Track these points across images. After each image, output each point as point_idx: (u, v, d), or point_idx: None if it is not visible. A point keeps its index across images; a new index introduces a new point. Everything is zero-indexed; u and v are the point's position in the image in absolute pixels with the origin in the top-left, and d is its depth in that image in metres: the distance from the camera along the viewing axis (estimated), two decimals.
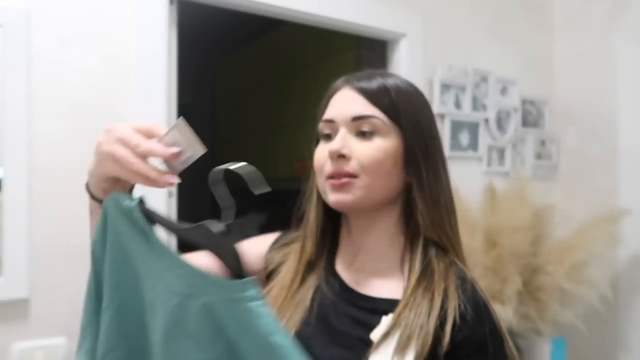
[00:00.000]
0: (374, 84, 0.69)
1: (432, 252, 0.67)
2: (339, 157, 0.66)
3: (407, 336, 0.60)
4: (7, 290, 1.09)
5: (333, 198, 0.67)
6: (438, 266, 0.66)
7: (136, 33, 1.24)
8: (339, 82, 0.73)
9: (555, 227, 1.76)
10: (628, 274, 1.85)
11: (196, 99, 3.66)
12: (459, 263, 0.69)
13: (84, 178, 0.74)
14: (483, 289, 0.68)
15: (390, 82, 0.70)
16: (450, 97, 1.80)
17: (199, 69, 3.49)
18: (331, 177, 0.67)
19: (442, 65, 1.78)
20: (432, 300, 0.62)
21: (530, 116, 2.07)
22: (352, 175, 0.66)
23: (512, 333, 1.70)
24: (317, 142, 0.72)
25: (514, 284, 1.55)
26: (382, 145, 0.66)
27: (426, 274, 0.66)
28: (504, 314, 1.53)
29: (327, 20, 1.55)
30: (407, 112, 0.68)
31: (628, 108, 1.87)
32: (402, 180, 0.69)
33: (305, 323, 0.69)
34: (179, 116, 0.65)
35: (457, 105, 1.82)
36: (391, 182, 0.68)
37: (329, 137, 0.70)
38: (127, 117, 1.23)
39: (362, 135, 0.67)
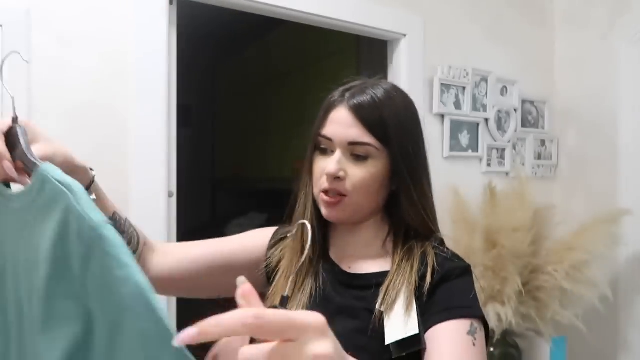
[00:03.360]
0: (370, 109, 0.76)
1: (412, 234, 0.79)
2: (335, 178, 0.74)
3: (396, 292, 0.72)
4: None
5: (325, 212, 0.77)
6: (416, 241, 0.78)
7: (136, 33, 1.24)
8: (336, 96, 0.79)
9: (555, 227, 1.76)
10: (628, 274, 1.85)
11: (196, 99, 3.66)
12: (438, 238, 0.81)
13: None
14: (483, 289, 0.73)
15: (384, 101, 0.77)
16: (450, 97, 1.80)
17: (199, 69, 3.50)
18: (325, 192, 0.76)
19: (442, 65, 1.78)
20: (412, 263, 0.75)
21: (530, 116, 2.07)
22: (343, 194, 0.75)
23: (512, 333, 1.70)
24: (314, 148, 0.80)
25: (514, 284, 1.55)
26: (374, 170, 0.75)
27: (407, 249, 0.77)
28: (504, 314, 1.53)
29: (327, 20, 1.55)
30: (398, 137, 0.76)
31: (628, 108, 1.87)
32: (387, 191, 0.78)
33: (312, 305, 0.77)
34: (178, 116, 0.65)
35: (457, 105, 1.82)
36: (377, 199, 0.78)
37: (325, 151, 0.78)
38: (127, 117, 1.23)
39: (357, 158, 0.76)
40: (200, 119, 3.79)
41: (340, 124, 0.76)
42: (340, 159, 0.75)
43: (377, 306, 0.71)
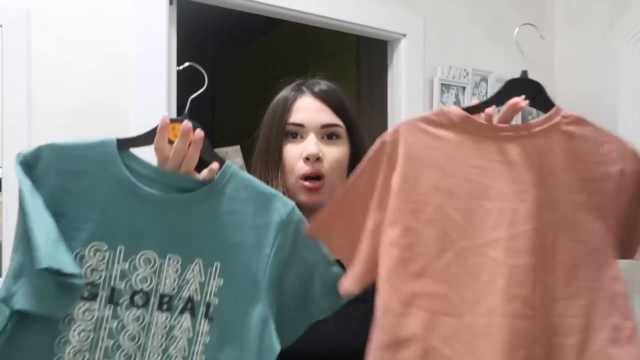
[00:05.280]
0: (334, 96, 0.84)
1: None
2: (316, 160, 0.78)
3: None
4: None
5: (306, 199, 0.78)
6: None
7: (136, 33, 1.24)
8: (290, 90, 0.87)
9: None
10: (628, 274, 1.85)
11: (196, 99, 3.66)
12: None
13: None
14: None
15: (338, 90, 0.86)
16: (450, 97, 1.80)
17: (198, 70, 3.49)
18: (306, 178, 0.78)
19: (442, 65, 1.78)
20: None
21: (530, 116, 2.07)
22: (322, 177, 0.79)
23: None
24: (280, 139, 0.82)
25: None
26: (344, 150, 0.82)
27: None
28: None
29: (327, 20, 1.55)
30: (355, 122, 0.84)
31: (628, 108, 1.86)
32: None
33: None
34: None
35: (457, 105, 1.82)
36: (342, 181, 0.80)
37: (294, 137, 0.81)
38: (127, 117, 1.23)
39: (329, 140, 0.81)
40: (201, 118, 3.79)
41: (310, 110, 0.82)
42: (317, 141, 0.79)
43: None
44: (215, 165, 0.66)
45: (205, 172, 0.67)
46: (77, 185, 0.63)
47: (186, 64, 0.79)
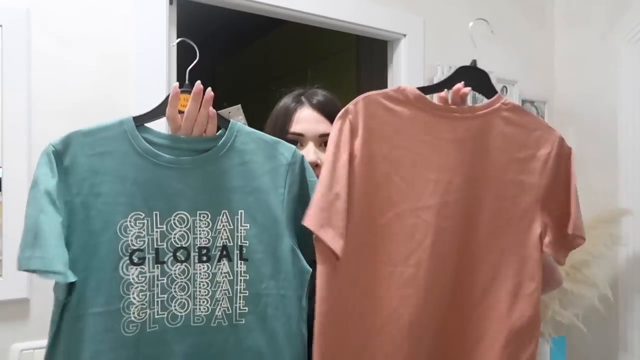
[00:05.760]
0: (330, 106, 0.93)
1: None
2: (315, 166, 0.86)
3: None
4: (7, 290, 1.09)
5: None
6: None
7: (136, 33, 1.24)
8: (291, 101, 0.96)
9: None
10: (628, 274, 1.85)
11: None
12: None
13: None
14: None
15: (334, 100, 0.97)
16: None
17: (198, 69, 3.49)
18: None
19: (442, 65, 1.78)
20: None
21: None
22: None
23: None
24: None
25: None
26: None
27: None
28: None
29: (327, 20, 1.55)
30: None
31: (628, 108, 1.86)
32: None
33: None
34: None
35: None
36: None
37: (294, 145, 0.87)
38: None
39: (325, 147, 0.86)
40: None
41: (309, 121, 0.93)
42: (315, 149, 0.90)
43: None
44: (212, 112, 0.77)
45: (209, 128, 0.77)
46: (106, 165, 0.70)
47: (179, 39, 0.90)
